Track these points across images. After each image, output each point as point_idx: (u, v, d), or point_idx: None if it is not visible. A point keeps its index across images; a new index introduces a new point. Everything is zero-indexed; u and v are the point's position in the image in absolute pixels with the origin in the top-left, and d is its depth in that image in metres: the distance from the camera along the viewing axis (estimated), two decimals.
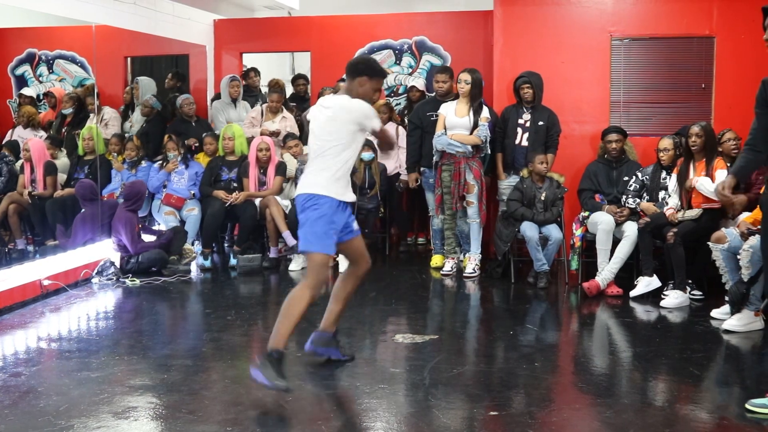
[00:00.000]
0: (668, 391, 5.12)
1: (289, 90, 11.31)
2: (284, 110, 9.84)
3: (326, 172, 5.00)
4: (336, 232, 5.00)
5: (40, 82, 10.24)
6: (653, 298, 7.23)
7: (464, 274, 8.26)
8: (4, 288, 6.94)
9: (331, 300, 5.40)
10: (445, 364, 5.45)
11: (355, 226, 5.24)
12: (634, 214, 7.68)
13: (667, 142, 7.68)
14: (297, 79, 11.25)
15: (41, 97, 10.18)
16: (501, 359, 5.79)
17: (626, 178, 7.91)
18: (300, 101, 10.79)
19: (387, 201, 9.50)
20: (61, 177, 9.11)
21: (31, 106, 9.77)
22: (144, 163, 9.43)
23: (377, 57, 10.52)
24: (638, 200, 7.71)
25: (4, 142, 9.29)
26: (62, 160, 9.27)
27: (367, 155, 8.97)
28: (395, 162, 9.49)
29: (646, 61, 8.92)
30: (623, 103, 8.92)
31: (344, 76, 5.33)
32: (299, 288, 4.93)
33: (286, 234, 8.56)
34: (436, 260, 8.72)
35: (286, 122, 9.71)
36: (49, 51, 10.23)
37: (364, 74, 5.14)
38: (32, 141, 8.95)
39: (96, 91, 9.45)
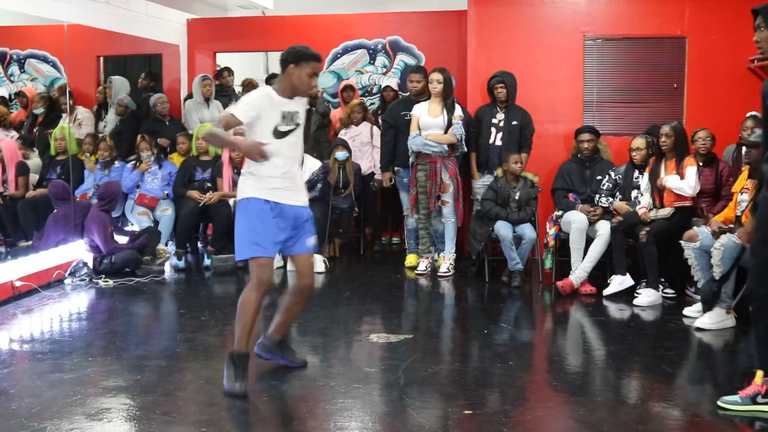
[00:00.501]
0: (641, 389, 5.15)
1: None
2: None
3: (248, 174, 4.98)
4: (269, 233, 4.89)
5: (12, 82, 10.17)
6: (626, 296, 7.28)
7: (439, 274, 8.27)
8: None
9: (277, 309, 5.37)
10: (420, 364, 5.46)
11: (310, 243, 5.11)
12: (607, 213, 7.72)
13: (639, 142, 7.73)
14: (271, 78, 11.21)
15: (12, 97, 10.10)
16: (475, 358, 5.80)
17: (599, 178, 7.96)
18: None
19: (361, 200, 9.50)
20: (33, 177, 9.05)
21: (2, 106, 9.68)
22: (117, 163, 9.38)
23: (351, 57, 10.55)
24: (611, 199, 7.76)
25: None
26: (34, 161, 9.20)
27: (341, 154, 8.97)
28: (369, 161, 9.49)
29: (618, 61, 8.97)
30: (596, 103, 8.97)
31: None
32: (245, 291, 4.94)
33: None
34: (410, 260, 8.72)
35: None
36: (20, 50, 10.17)
37: (290, 62, 4.92)
38: (4, 141, 8.88)
39: (68, 90, 9.39)
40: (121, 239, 8.60)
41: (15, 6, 7.90)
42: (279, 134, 4.91)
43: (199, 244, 9.76)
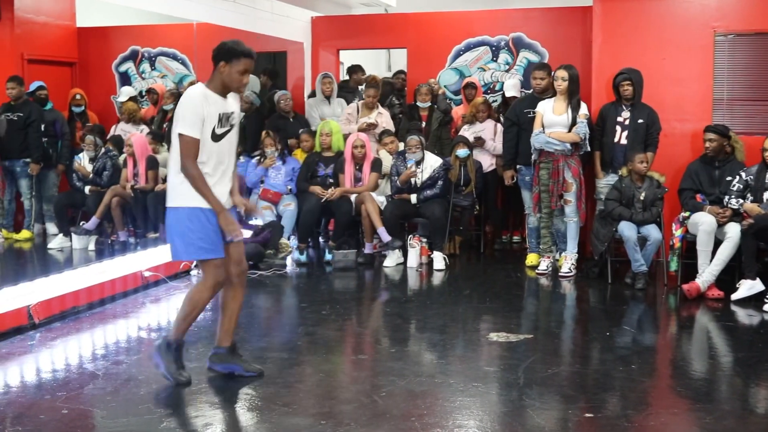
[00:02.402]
0: None
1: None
2: (380, 106, 9.87)
3: (179, 177, 4.79)
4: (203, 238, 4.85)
5: (143, 79, 10.49)
6: (756, 301, 7.01)
7: (560, 274, 8.16)
8: (107, 278, 7.16)
9: (220, 314, 5.25)
10: (540, 364, 5.40)
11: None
12: (737, 215, 7.46)
13: None
14: (396, 74, 11.28)
15: (143, 94, 10.44)
16: (596, 360, 5.70)
17: (729, 178, 7.69)
18: (398, 97, 10.81)
19: (482, 198, 9.44)
20: (163, 171, 9.31)
21: (133, 102, 10.01)
22: (242, 159, 9.58)
23: (473, 54, 10.51)
24: (741, 201, 7.49)
25: (108, 137, 9.55)
26: (163, 155, 9.47)
27: (462, 152, 8.93)
28: (491, 159, 9.43)
29: (751, 58, 8.64)
30: (726, 101, 8.67)
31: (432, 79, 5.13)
32: (198, 289, 4.99)
33: (381, 230, 8.58)
34: (531, 259, 8.63)
35: (381, 118, 9.74)
36: (151, 48, 10.47)
37: (220, 59, 4.75)
38: (135, 136, 9.18)
39: None
40: (245, 233, 8.76)
41: (147, 6, 8.16)
42: (216, 137, 4.79)
43: (321, 239, 9.88)
